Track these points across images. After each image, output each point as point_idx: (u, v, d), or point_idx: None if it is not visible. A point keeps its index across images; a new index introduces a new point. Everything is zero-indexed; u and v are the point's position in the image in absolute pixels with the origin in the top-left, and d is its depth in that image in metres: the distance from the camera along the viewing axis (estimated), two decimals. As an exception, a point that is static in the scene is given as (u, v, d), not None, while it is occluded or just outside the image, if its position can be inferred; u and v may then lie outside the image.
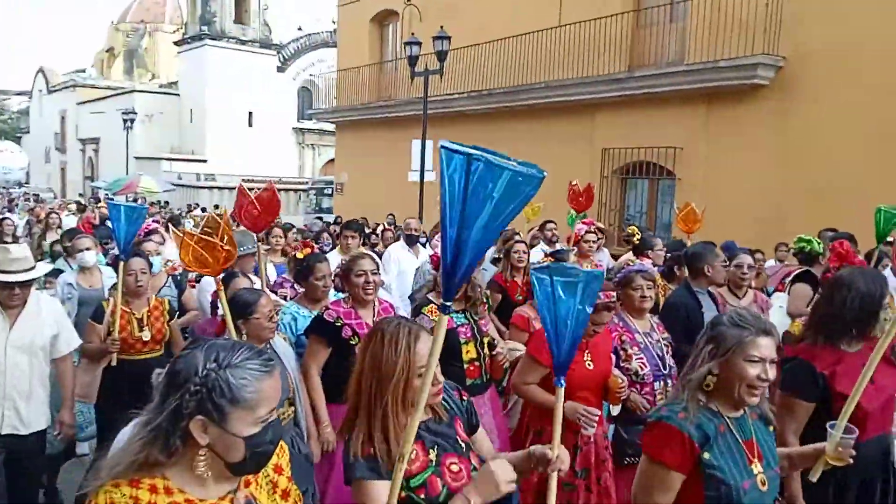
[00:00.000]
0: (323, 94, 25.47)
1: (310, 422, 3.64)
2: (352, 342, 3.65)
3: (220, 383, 1.48)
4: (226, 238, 3.23)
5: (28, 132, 53.01)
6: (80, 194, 23.40)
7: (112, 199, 4.80)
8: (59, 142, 48.05)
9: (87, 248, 5.61)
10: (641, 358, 3.76)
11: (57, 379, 3.89)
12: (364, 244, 7.73)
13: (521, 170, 1.47)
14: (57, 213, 11.10)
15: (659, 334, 3.95)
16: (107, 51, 55.77)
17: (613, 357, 3.65)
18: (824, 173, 9.93)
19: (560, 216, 12.88)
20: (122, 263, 4.27)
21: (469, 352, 3.95)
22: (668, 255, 6.35)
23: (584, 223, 7.07)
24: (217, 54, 36.80)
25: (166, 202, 25.30)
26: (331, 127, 25.31)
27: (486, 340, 4.07)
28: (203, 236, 3.12)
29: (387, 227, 10.97)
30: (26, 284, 3.53)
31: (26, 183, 39.91)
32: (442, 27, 13.66)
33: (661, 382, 3.77)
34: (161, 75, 49.79)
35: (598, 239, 7.11)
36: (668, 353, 3.89)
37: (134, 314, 4.35)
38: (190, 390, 1.47)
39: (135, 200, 23.00)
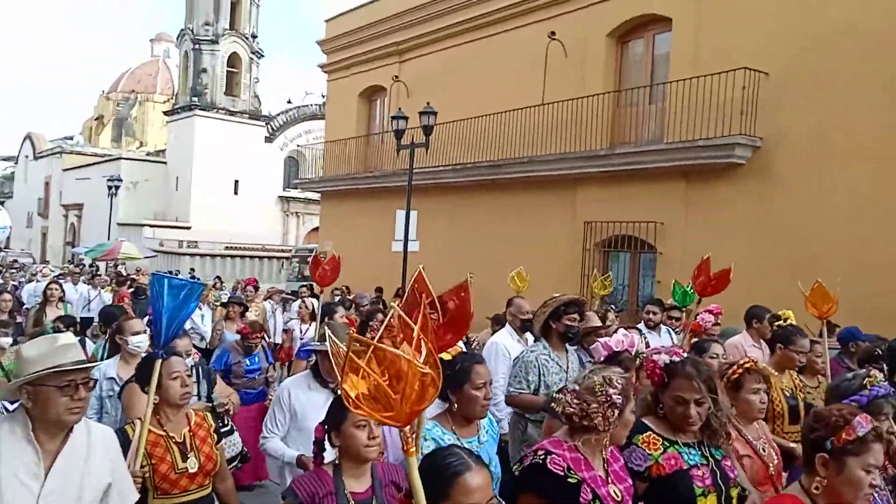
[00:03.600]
0: (309, 165, 25.81)
1: None
2: None
3: None
4: (426, 350, 1.65)
5: (11, 197, 52.92)
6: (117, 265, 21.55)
7: (169, 273, 3.97)
8: (41, 207, 47.96)
9: (139, 332, 4.58)
10: None
11: None
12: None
13: None
14: (59, 285, 8.98)
15: None
16: (96, 119, 56.54)
17: None
18: (800, 251, 10.10)
19: (544, 291, 12.88)
20: (158, 363, 3.03)
21: None
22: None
23: (710, 312, 5.84)
24: (206, 124, 37.32)
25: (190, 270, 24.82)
26: (316, 196, 25.55)
27: (735, 492, 2.75)
28: (390, 348, 1.60)
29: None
30: (89, 383, 2.43)
31: (6, 248, 39.59)
32: (428, 103, 14.01)
33: None
34: (149, 144, 50.34)
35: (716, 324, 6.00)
36: None
37: (172, 437, 3.14)
38: None
39: (115, 266, 22.74)
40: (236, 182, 38.22)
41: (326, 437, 2.75)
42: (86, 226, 41.45)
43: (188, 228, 36.29)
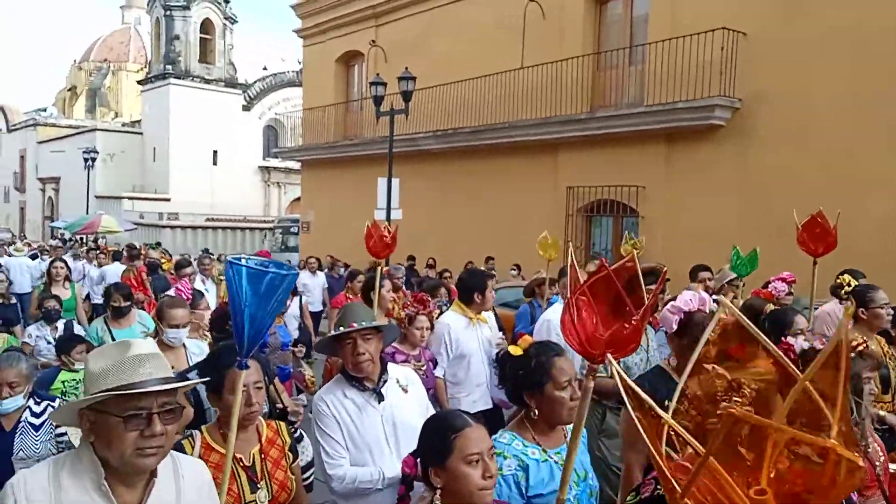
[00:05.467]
0: (289, 133, 25.54)
1: None
2: None
3: None
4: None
5: (-15, 171, 52.01)
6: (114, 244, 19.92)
7: (238, 258, 2.17)
8: (17, 181, 47.16)
9: (181, 325, 3.94)
10: None
11: None
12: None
13: None
14: (64, 262, 8.23)
15: None
16: (69, 90, 55.33)
17: None
18: (781, 211, 10.15)
19: (528, 257, 13.00)
20: (241, 375, 2.25)
21: None
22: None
23: (782, 280, 4.99)
24: (181, 93, 36.65)
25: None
26: (297, 165, 25.31)
27: None
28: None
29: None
30: (174, 413, 1.75)
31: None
32: (407, 68, 13.82)
33: None
34: (124, 114, 49.44)
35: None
36: None
37: (239, 459, 2.47)
38: None
39: (94, 240, 22.36)
40: (215, 152, 37.72)
41: (421, 473, 2.09)
42: (64, 199, 40.86)
43: (168, 200, 35.87)
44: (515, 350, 2.46)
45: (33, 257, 14.53)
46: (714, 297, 3.87)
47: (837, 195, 9.66)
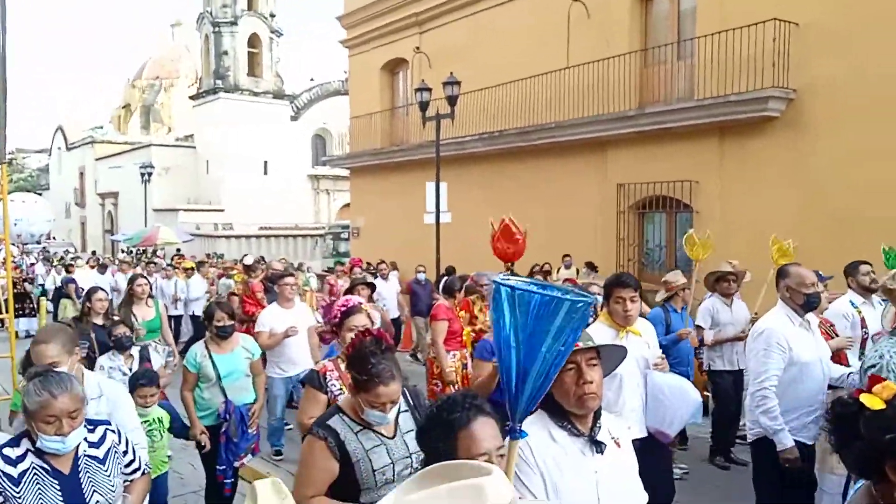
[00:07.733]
0: (336, 141, 25.92)
1: None
2: None
3: None
4: None
5: (48, 188, 54.08)
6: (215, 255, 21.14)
7: (501, 280, 1.70)
8: (78, 197, 48.94)
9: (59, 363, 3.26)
10: None
11: None
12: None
13: None
14: (146, 279, 7.52)
15: None
16: (123, 107, 57.13)
17: None
18: (840, 203, 9.93)
19: (580, 256, 12.96)
20: (514, 446, 1.81)
21: None
22: None
23: None
24: (231, 106, 37.53)
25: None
26: (345, 172, 25.67)
27: None
28: None
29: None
30: None
31: (52, 238, 40.51)
32: (451, 73, 13.92)
33: None
34: (177, 129, 50.82)
35: None
36: None
37: None
38: None
39: (167, 253, 22.98)
40: (265, 163, 38.51)
41: None
42: (122, 213, 42.24)
43: (222, 211, 36.77)
44: (872, 401, 1.72)
45: (102, 269, 14.99)
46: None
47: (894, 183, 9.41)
